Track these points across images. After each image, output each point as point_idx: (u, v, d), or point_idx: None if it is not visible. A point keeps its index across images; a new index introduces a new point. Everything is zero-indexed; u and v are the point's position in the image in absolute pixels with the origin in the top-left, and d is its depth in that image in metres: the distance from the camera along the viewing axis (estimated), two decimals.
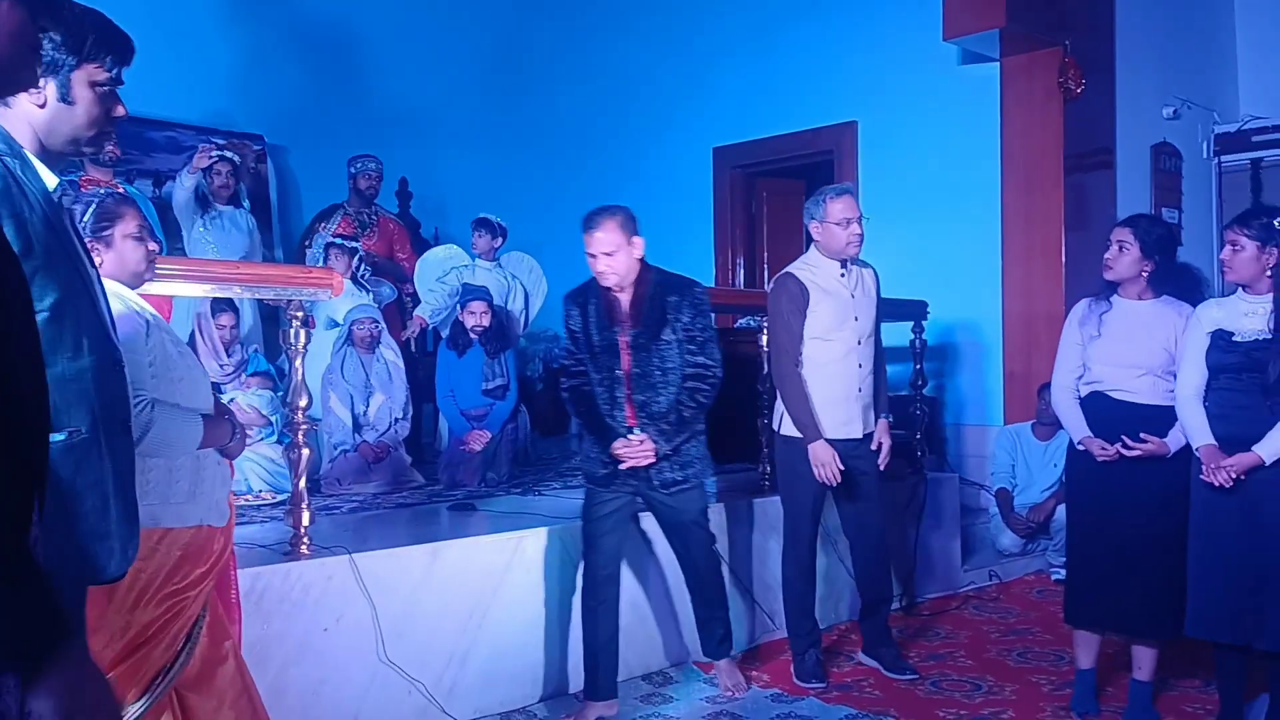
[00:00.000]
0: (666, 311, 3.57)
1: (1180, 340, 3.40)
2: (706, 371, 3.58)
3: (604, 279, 3.56)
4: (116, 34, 1.74)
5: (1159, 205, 6.65)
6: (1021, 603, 5.15)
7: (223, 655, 2.40)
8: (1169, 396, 3.41)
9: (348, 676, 3.32)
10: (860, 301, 4.03)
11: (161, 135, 6.68)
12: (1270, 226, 3.19)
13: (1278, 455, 3.09)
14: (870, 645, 4.21)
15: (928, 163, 6.56)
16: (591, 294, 3.64)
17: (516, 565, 3.78)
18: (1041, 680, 4.01)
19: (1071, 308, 3.69)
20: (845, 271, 4.02)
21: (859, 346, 4.00)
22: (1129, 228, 3.51)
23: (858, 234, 3.96)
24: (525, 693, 3.78)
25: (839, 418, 3.97)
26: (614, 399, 3.59)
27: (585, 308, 3.64)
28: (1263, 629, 3.15)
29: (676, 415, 3.55)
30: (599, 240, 3.53)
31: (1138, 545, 3.40)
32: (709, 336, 3.62)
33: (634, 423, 3.57)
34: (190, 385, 2.30)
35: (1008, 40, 6.03)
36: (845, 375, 3.98)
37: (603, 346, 3.59)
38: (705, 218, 7.81)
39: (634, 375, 3.58)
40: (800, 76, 7.19)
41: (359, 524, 4.21)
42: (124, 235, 2.32)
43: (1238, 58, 7.28)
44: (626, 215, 3.59)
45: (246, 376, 5.18)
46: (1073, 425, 3.55)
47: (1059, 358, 3.64)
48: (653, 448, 3.53)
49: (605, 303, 3.61)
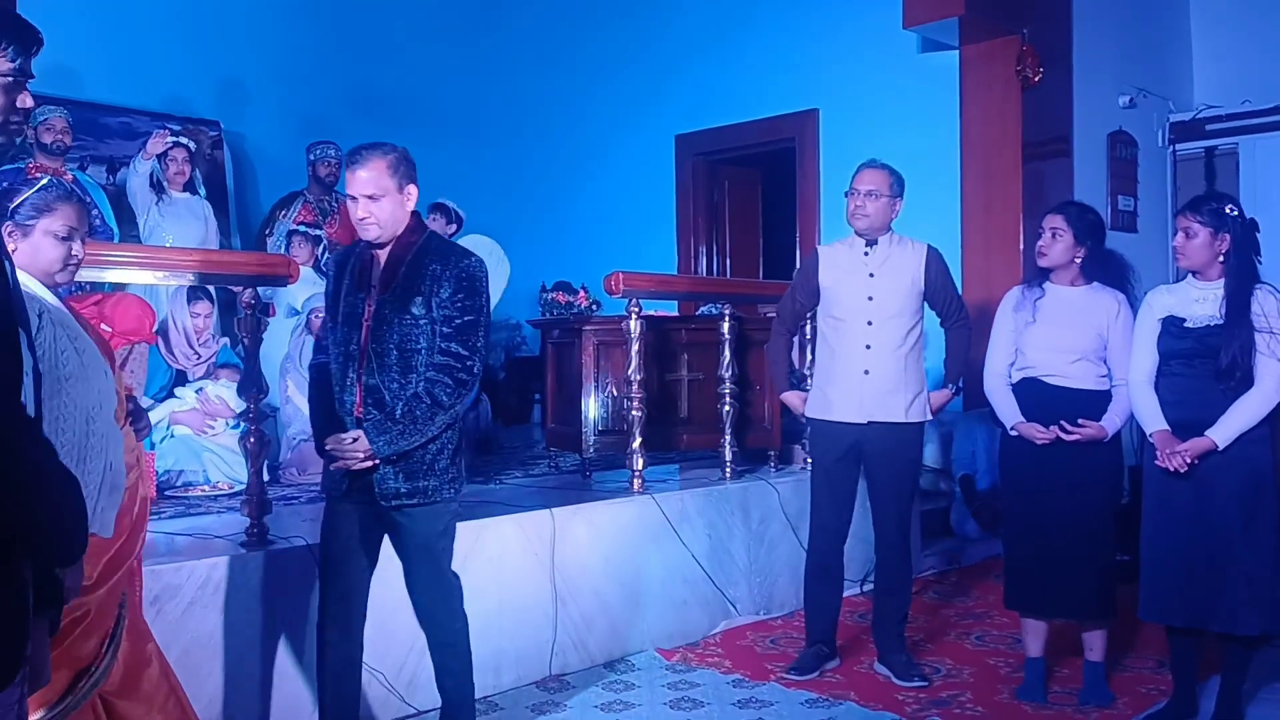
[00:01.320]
0: (423, 280, 2.88)
1: (1112, 325, 3.48)
2: (456, 364, 2.87)
3: (364, 229, 2.88)
4: (19, 23, 1.68)
5: (1115, 193, 6.73)
6: (981, 587, 5.20)
7: (146, 658, 2.35)
8: (1101, 381, 3.50)
9: (307, 667, 3.29)
10: (883, 280, 3.84)
11: (116, 121, 6.57)
12: (1222, 213, 3.23)
13: (1231, 439, 3.14)
14: (884, 653, 3.99)
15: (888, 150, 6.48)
16: (356, 253, 3.01)
17: (477, 554, 3.76)
18: (999, 663, 4.06)
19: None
20: (870, 249, 3.88)
21: (870, 328, 3.81)
22: (1061, 215, 3.56)
23: (857, 205, 3.86)
24: (488, 682, 3.76)
25: (842, 399, 3.85)
26: (345, 381, 2.92)
27: (344, 267, 3.00)
28: (1215, 612, 3.19)
29: (406, 411, 2.84)
30: (361, 180, 2.85)
31: (1072, 528, 3.46)
32: (471, 322, 2.90)
33: (360, 413, 2.88)
34: (81, 384, 2.12)
35: (967, 28, 6.07)
36: (850, 356, 3.84)
37: (346, 314, 2.94)
38: (668, 206, 7.82)
39: (370, 353, 2.88)
40: (762, 64, 7.20)
41: (317, 513, 4.15)
42: (46, 231, 2.24)
43: (1193, 47, 7.37)
44: (401, 156, 2.91)
45: (216, 368, 5.12)
46: (1005, 411, 3.58)
47: (992, 344, 3.67)
48: (366, 448, 2.82)
49: (361, 262, 2.96)
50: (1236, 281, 3.19)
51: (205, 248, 5.60)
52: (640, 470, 4.45)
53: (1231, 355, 3.13)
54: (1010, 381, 3.61)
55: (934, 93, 6.40)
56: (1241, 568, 3.15)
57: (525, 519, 3.93)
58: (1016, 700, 3.63)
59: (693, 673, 4.02)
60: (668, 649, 4.25)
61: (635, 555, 4.26)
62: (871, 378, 3.81)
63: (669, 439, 5.01)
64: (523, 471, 5.29)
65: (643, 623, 4.25)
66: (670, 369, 5.00)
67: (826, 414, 3.90)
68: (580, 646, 4.04)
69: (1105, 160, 6.71)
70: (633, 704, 3.70)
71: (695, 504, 4.50)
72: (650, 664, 4.12)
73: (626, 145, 7.96)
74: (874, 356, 3.82)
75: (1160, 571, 3.29)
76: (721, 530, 4.58)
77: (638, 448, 4.45)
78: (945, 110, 6.34)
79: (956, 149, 6.33)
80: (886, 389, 3.81)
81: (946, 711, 3.55)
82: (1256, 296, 3.18)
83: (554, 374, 5.32)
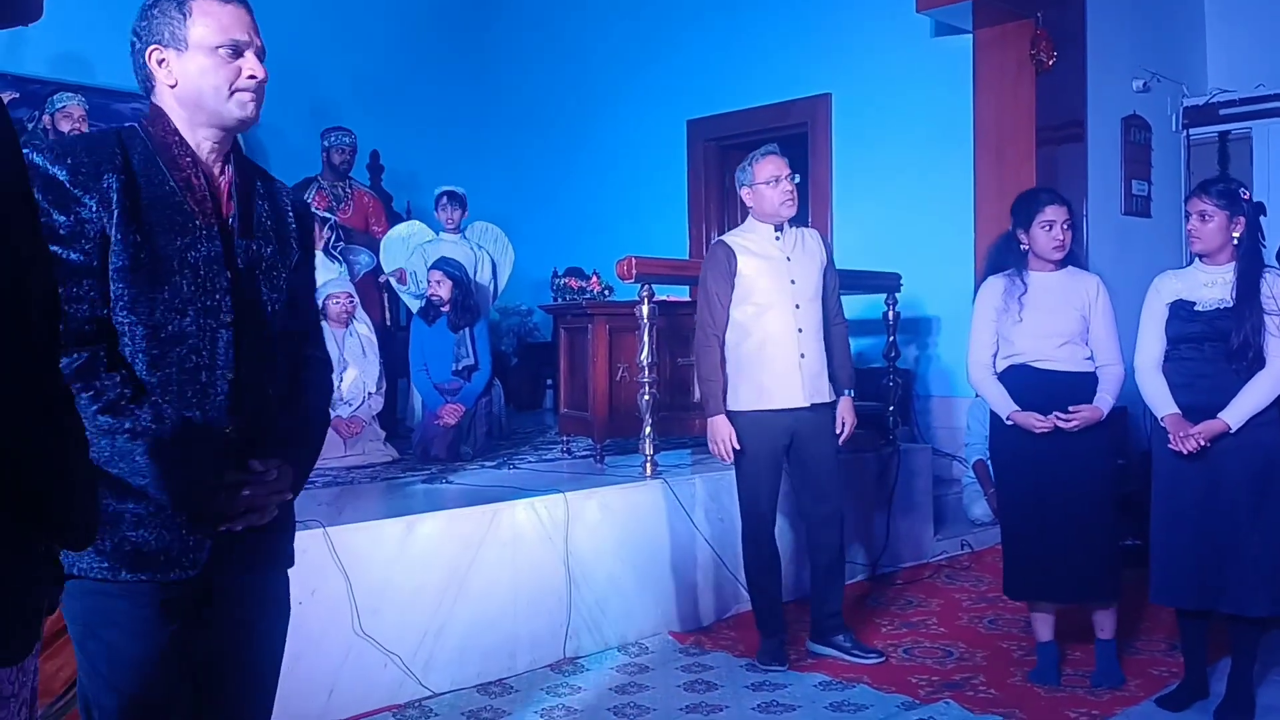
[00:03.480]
0: (278, 207, 1.92)
1: (1093, 306, 3.51)
2: (329, 369, 2.02)
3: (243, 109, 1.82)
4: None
5: (1129, 177, 6.69)
6: (993, 571, 5.19)
7: None
8: (1088, 363, 3.52)
9: (323, 650, 3.32)
10: (799, 264, 3.87)
11: (128, 107, 6.57)
12: (1237, 196, 3.23)
13: (1243, 421, 3.15)
14: (821, 633, 3.99)
15: (901, 135, 6.57)
16: (136, 143, 1.77)
17: (491, 538, 3.79)
18: (1012, 646, 4.07)
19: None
20: (780, 234, 3.89)
21: (798, 311, 3.83)
22: (1066, 205, 3.56)
23: (789, 191, 3.82)
24: (502, 665, 3.80)
25: (780, 386, 3.81)
26: (209, 378, 1.74)
27: (118, 167, 1.71)
28: (1225, 593, 3.21)
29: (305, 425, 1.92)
30: (244, 21, 1.82)
31: (1072, 512, 3.47)
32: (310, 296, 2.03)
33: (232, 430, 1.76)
34: None
35: (980, 12, 6.05)
36: (784, 341, 3.81)
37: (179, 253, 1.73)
38: (679, 191, 7.80)
39: (244, 328, 1.79)
40: (774, 48, 7.17)
41: (333, 498, 4.20)
42: None
43: (1206, 31, 7.32)
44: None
45: None
46: (999, 402, 3.57)
47: (974, 335, 3.66)
48: (283, 491, 1.81)
49: (180, 161, 1.78)
50: (1248, 264, 3.20)
51: None
52: (653, 455, 4.47)
53: (1244, 335, 3.14)
54: (996, 371, 3.61)
55: (947, 77, 6.38)
56: (1251, 549, 3.16)
57: (539, 503, 3.96)
58: (1029, 683, 3.65)
59: (706, 655, 4.05)
60: (681, 632, 4.27)
61: (648, 539, 4.28)
62: (807, 360, 3.83)
63: (682, 423, 5.02)
64: (536, 456, 5.31)
65: (656, 606, 4.27)
66: (683, 353, 5.00)
67: (765, 403, 3.82)
68: (594, 629, 4.07)
69: (1119, 145, 6.67)
70: (646, 686, 3.73)
71: (708, 488, 4.52)
72: (663, 647, 4.14)
73: (638, 130, 7.94)
74: (806, 340, 3.84)
75: (1171, 554, 3.30)
76: (733, 514, 4.58)
77: (649, 432, 4.47)
78: (958, 95, 6.32)
79: (970, 133, 6.31)
80: (817, 370, 3.86)
81: (960, 694, 3.56)
82: (1266, 279, 3.19)
83: (566, 359, 5.34)
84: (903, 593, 4.87)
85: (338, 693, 3.36)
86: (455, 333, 5.46)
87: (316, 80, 7.34)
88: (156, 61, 1.80)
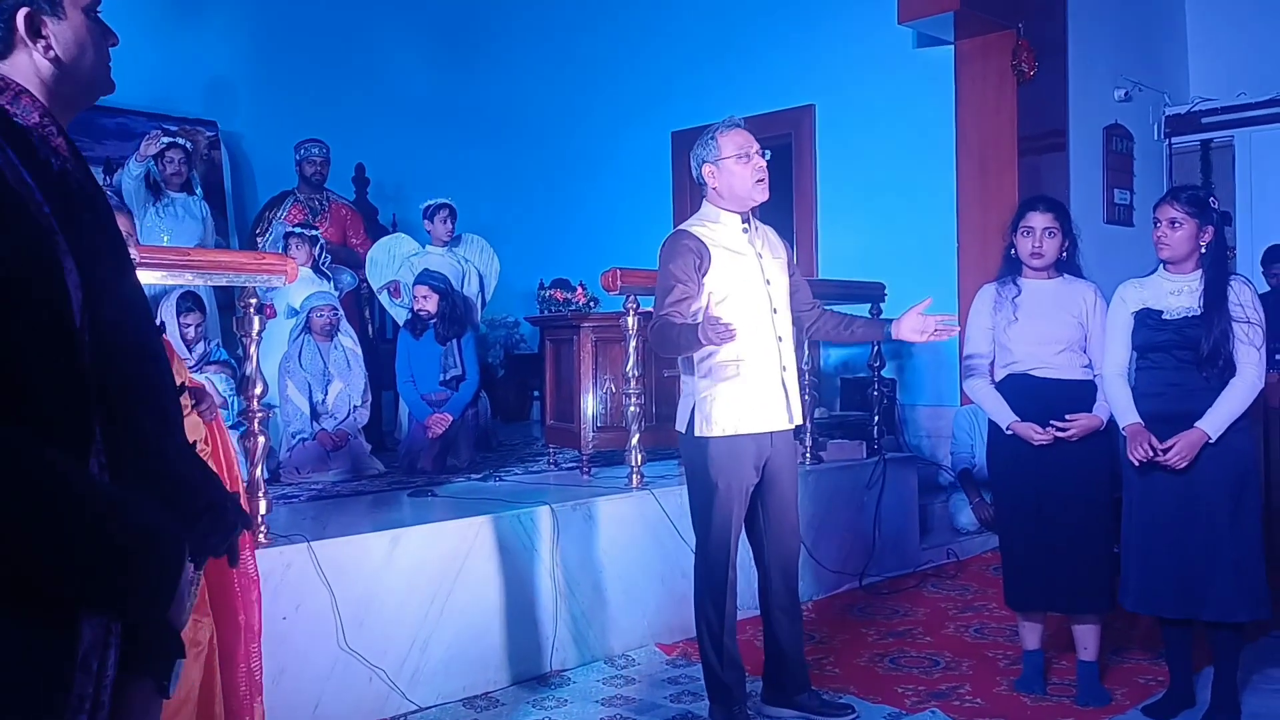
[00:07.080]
0: None
1: (1090, 314, 3.49)
2: None
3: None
4: None
5: (1111, 186, 6.74)
6: (979, 580, 5.21)
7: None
8: (1086, 371, 3.51)
9: (308, 664, 3.31)
10: (769, 262, 3.30)
11: (112, 122, 6.58)
12: (1206, 204, 3.24)
13: (1222, 430, 3.15)
14: (784, 690, 3.44)
15: (885, 145, 6.61)
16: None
17: (477, 551, 3.78)
18: (998, 655, 4.07)
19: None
20: (747, 227, 3.29)
21: (776, 316, 3.27)
22: (1052, 212, 3.54)
23: (762, 168, 3.20)
24: (489, 678, 3.78)
25: (762, 404, 3.24)
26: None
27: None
28: (1206, 600, 3.21)
29: None
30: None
31: (1069, 521, 3.46)
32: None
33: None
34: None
35: (962, 23, 6.09)
36: (764, 352, 3.23)
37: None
38: (664, 202, 7.82)
39: None
40: (758, 61, 7.21)
41: (318, 512, 4.19)
42: None
43: (1188, 40, 7.38)
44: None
45: (206, 364, 5.12)
46: (997, 412, 3.54)
47: (969, 345, 3.64)
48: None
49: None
50: (1215, 272, 3.21)
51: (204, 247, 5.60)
52: (639, 466, 4.47)
53: (1213, 342, 3.14)
54: (994, 380, 3.60)
55: (929, 87, 6.42)
56: (1229, 555, 3.17)
57: (525, 515, 3.95)
58: (1015, 692, 3.65)
59: (692, 667, 4.03)
60: (668, 644, 4.27)
61: (635, 550, 4.27)
62: (789, 373, 3.29)
63: (668, 435, 5.01)
64: (522, 468, 5.30)
65: (642, 618, 4.27)
66: (668, 365, 5.00)
67: (744, 426, 3.22)
68: (580, 641, 4.06)
69: (1101, 154, 6.72)
70: (633, 698, 3.72)
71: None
72: (650, 659, 4.13)
73: (623, 142, 7.97)
74: (786, 349, 3.29)
75: (1148, 562, 3.30)
76: None
77: (636, 444, 4.47)
78: (941, 105, 6.36)
79: (952, 143, 6.34)
80: (798, 387, 3.38)
81: (946, 703, 3.56)
82: (1232, 287, 3.20)
83: (553, 371, 5.34)
84: (888, 602, 4.87)
85: (323, 707, 3.34)
86: (443, 345, 5.46)
87: (302, 93, 7.35)
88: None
